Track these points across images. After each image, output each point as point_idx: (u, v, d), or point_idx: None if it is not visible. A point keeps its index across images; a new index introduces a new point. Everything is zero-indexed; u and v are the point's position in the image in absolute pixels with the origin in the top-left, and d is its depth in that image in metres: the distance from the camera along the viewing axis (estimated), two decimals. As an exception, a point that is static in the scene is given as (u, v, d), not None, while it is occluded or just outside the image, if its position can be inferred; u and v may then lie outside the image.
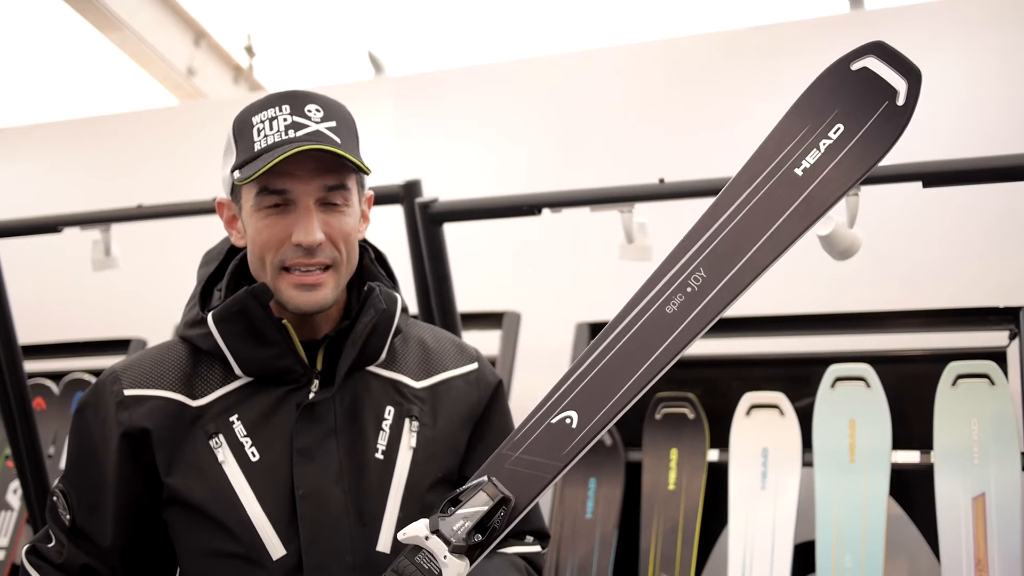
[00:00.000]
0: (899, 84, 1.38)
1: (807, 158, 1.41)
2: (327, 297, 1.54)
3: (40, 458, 3.12)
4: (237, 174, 1.51)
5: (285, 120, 1.50)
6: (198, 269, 1.69)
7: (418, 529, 1.36)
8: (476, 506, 1.36)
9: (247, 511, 1.52)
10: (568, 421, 1.41)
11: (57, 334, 3.86)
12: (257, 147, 1.49)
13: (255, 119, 1.52)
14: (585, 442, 1.39)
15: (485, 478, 1.39)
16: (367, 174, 1.55)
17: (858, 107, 1.40)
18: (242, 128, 1.54)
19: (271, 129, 1.50)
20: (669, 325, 1.40)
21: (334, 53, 5.17)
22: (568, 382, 1.44)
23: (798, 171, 1.41)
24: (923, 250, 3.23)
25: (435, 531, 1.35)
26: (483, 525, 1.35)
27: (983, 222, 3.19)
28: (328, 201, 1.52)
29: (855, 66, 1.41)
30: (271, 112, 1.51)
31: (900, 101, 1.38)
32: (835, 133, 1.40)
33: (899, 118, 1.37)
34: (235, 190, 1.56)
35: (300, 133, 1.49)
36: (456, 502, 1.37)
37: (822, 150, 1.40)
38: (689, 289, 1.41)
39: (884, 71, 1.39)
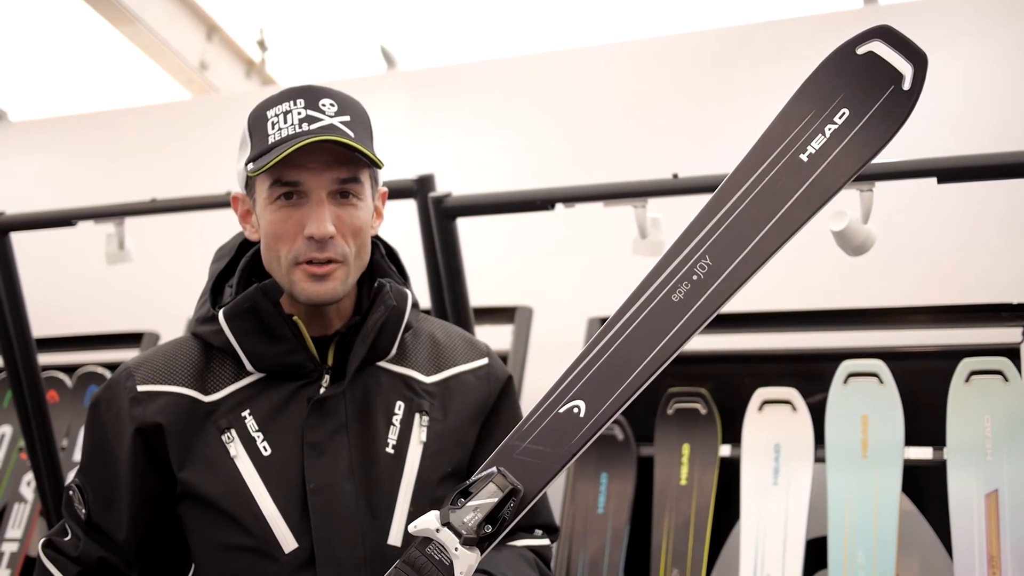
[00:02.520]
0: (905, 68, 1.37)
1: (812, 143, 1.40)
2: (336, 289, 1.55)
3: (54, 451, 3.13)
4: (250, 166, 1.52)
5: (299, 114, 1.51)
6: (210, 265, 1.70)
7: (429, 521, 1.36)
8: (486, 498, 1.36)
9: (259, 505, 1.53)
10: (576, 410, 1.41)
11: (71, 327, 3.88)
12: (271, 140, 1.50)
13: (269, 113, 1.53)
14: (593, 431, 1.39)
15: (494, 469, 1.40)
16: (379, 168, 1.55)
17: (864, 91, 1.39)
18: (257, 122, 1.54)
19: (285, 122, 1.51)
20: (675, 313, 1.40)
21: (346, 47, 5.18)
22: (575, 371, 1.44)
23: (803, 156, 1.40)
24: (937, 246, 3.22)
25: (446, 523, 1.35)
26: (493, 516, 1.35)
27: (997, 218, 3.18)
28: (341, 194, 1.53)
29: (860, 50, 1.41)
30: (285, 106, 1.52)
31: (906, 85, 1.37)
32: (840, 118, 1.39)
33: (905, 102, 1.36)
34: (249, 183, 1.57)
35: (314, 126, 1.50)
36: (466, 494, 1.38)
37: (827, 135, 1.39)
38: (695, 277, 1.40)
39: (890, 55, 1.38)
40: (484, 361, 1.75)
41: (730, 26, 3.77)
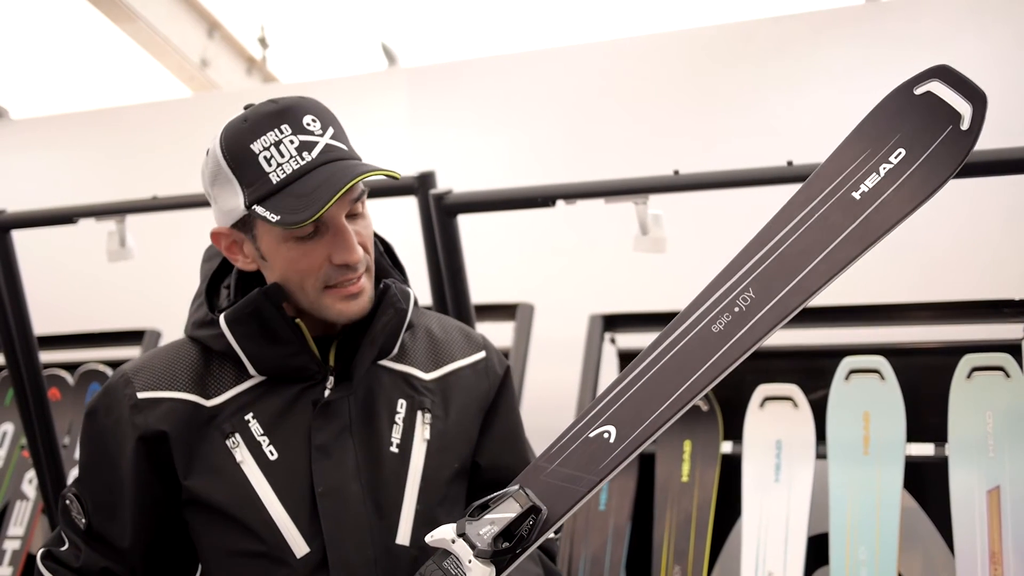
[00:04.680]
0: (963, 108, 1.36)
1: (866, 182, 1.39)
2: (368, 303, 1.55)
3: (55, 448, 3.13)
4: (271, 216, 1.42)
5: (292, 142, 1.46)
6: (201, 265, 1.68)
7: (445, 532, 1.35)
8: (504, 512, 1.35)
9: (269, 511, 1.51)
10: (606, 436, 1.39)
11: (72, 325, 3.88)
12: (275, 177, 1.44)
13: (255, 146, 1.45)
14: (622, 458, 1.37)
15: (517, 487, 1.39)
16: (397, 179, 1.51)
17: (921, 131, 1.37)
18: (241, 158, 1.46)
19: (282, 156, 1.45)
20: (714, 344, 1.38)
21: (347, 44, 5.18)
22: (609, 396, 1.42)
23: (855, 195, 1.39)
24: (938, 242, 3.21)
25: (462, 534, 1.34)
26: (510, 532, 1.34)
27: (999, 214, 3.17)
28: (352, 212, 1.52)
29: (919, 90, 1.39)
30: (272, 136, 1.46)
31: (964, 125, 1.35)
32: (896, 158, 1.38)
33: (963, 142, 1.35)
34: (245, 221, 1.51)
35: (316, 153, 1.46)
36: (486, 507, 1.37)
37: (882, 174, 1.38)
38: (737, 309, 1.39)
39: (948, 95, 1.37)
40: (482, 355, 1.74)
41: (732, 22, 3.77)
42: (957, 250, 3.20)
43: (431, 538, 1.36)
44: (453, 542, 1.34)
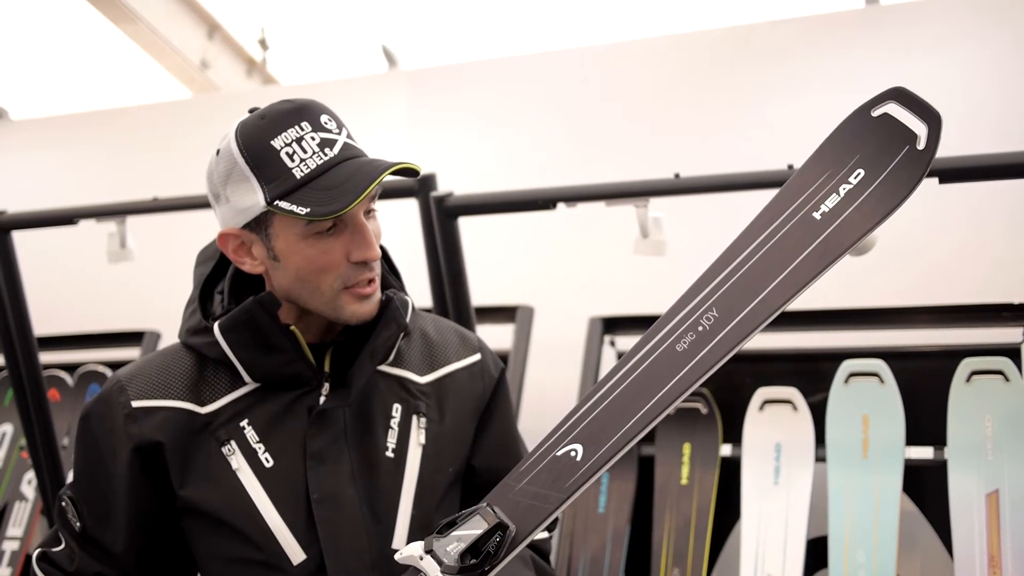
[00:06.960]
0: (919, 128, 1.38)
1: (826, 202, 1.41)
2: (378, 301, 1.56)
3: (55, 449, 3.14)
4: (299, 209, 1.42)
5: (313, 138, 1.46)
6: (194, 269, 1.67)
7: (414, 549, 1.35)
8: (470, 529, 1.35)
9: (265, 518, 1.51)
10: (573, 454, 1.40)
11: (72, 326, 3.88)
12: (299, 172, 1.44)
13: (275, 143, 1.45)
14: (588, 475, 1.37)
15: (484, 504, 1.39)
16: (418, 175, 1.52)
17: (879, 152, 1.40)
18: (261, 154, 1.46)
19: (305, 152, 1.45)
20: (678, 363, 1.39)
21: (348, 47, 5.18)
22: (576, 415, 1.43)
23: (816, 215, 1.41)
24: (938, 246, 3.22)
25: (429, 551, 1.34)
26: (476, 548, 1.34)
27: (998, 218, 3.18)
28: (368, 211, 1.53)
29: (876, 112, 1.42)
30: (293, 132, 1.46)
31: (921, 145, 1.37)
32: (855, 178, 1.40)
33: (919, 162, 1.37)
34: (260, 220, 1.50)
35: (337, 150, 1.47)
36: (454, 524, 1.37)
37: (841, 195, 1.40)
38: (700, 328, 1.40)
39: (905, 116, 1.39)
40: (477, 357, 1.74)
41: (731, 26, 3.77)
42: (957, 254, 3.20)
43: (400, 556, 1.36)
44: (421, 559, 1.33)
